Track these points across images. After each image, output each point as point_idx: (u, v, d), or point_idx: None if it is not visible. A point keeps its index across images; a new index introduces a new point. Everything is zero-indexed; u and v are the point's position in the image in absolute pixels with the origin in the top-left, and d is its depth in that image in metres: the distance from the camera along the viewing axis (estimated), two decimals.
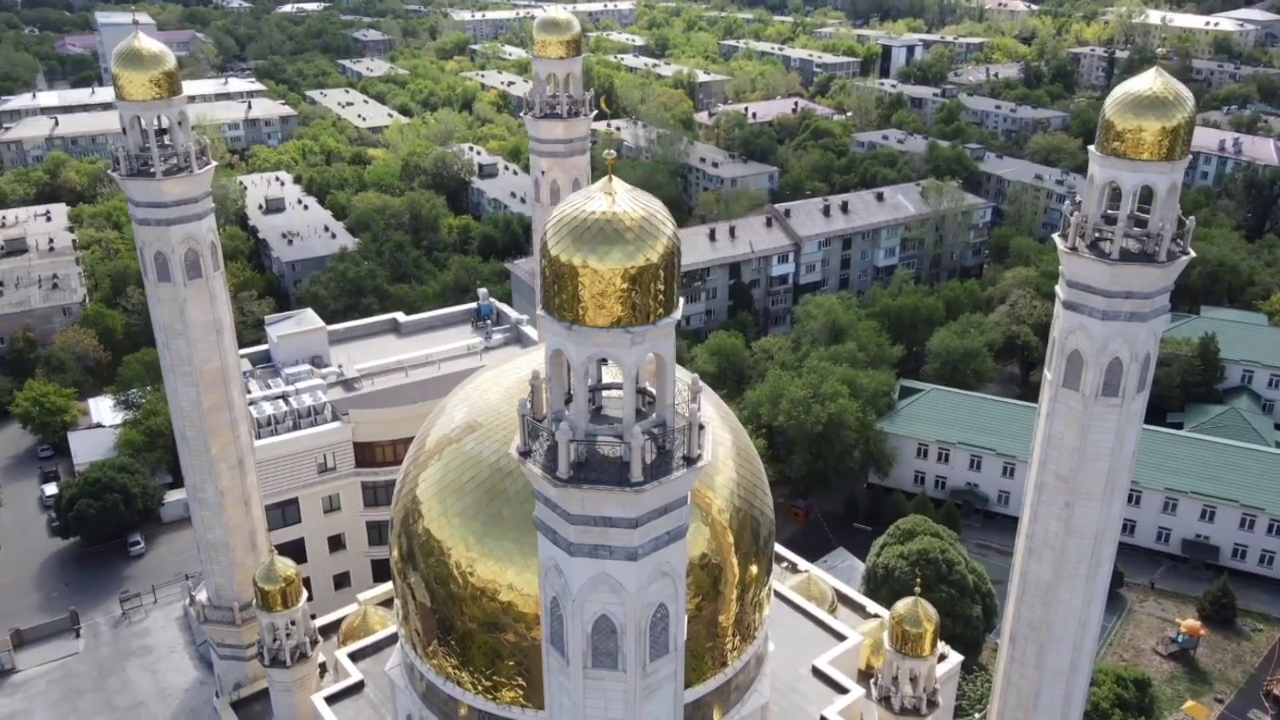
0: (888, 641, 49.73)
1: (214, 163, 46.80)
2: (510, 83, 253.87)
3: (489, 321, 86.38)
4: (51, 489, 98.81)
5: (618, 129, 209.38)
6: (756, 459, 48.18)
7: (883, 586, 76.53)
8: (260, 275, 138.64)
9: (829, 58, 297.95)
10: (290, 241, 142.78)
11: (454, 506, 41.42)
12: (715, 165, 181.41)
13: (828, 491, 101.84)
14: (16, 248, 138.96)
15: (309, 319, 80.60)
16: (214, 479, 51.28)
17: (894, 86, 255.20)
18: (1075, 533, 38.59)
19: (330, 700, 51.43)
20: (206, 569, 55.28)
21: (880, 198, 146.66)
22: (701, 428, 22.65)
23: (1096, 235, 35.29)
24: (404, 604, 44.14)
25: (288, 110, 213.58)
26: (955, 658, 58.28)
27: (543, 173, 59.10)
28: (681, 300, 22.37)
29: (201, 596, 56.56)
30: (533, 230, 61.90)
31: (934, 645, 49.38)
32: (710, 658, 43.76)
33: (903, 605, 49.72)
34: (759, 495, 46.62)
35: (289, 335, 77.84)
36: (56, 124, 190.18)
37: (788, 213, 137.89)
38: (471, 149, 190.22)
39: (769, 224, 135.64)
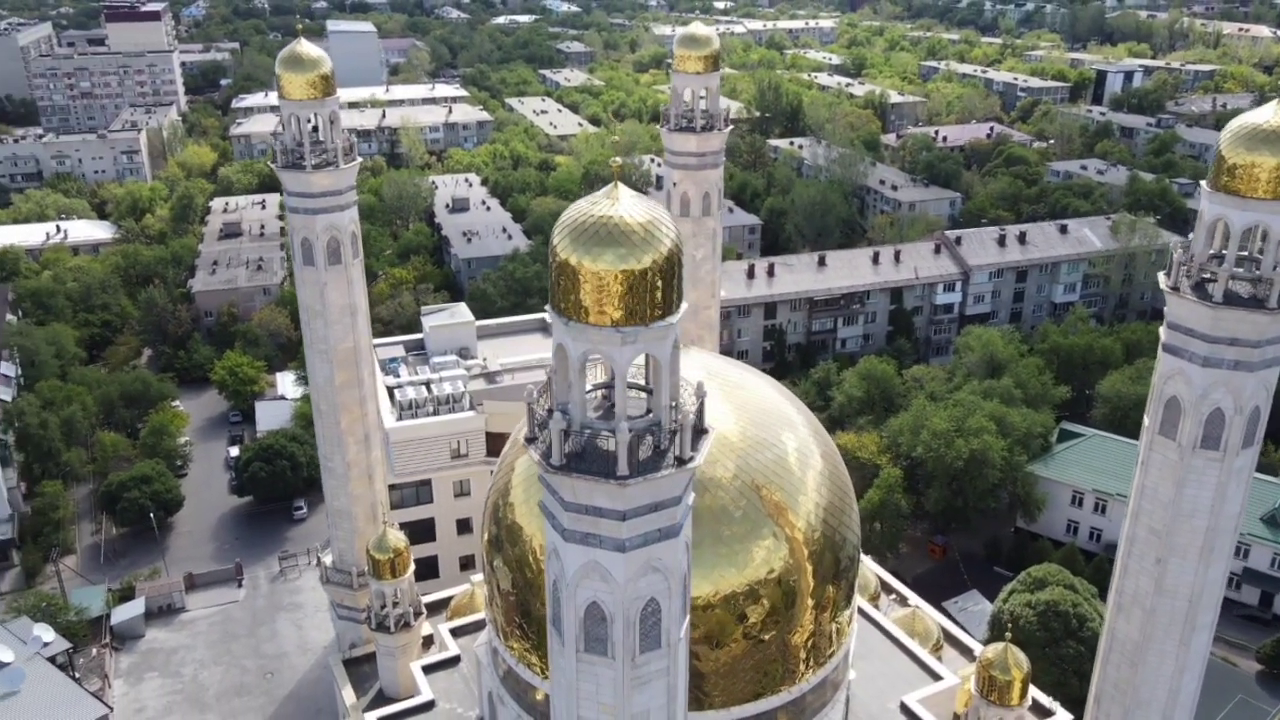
0: (974, 686, 48.00)
1: (359, 159, 50.85)
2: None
3: None
4: (234, 451, 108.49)
5: (800, 147, 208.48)
6: (847, 484, 47.71)
7: (1005, 635, 73.08)
8: (439, 270, 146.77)
9: (1035, 82, 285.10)
10: (469, 240, 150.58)
11: (538, 495, 43.25)
12: (894, 188, 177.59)
13: (969, 531, 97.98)
14: (233, 231, 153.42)
15: (461, 313, 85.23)
16: (342, 451, 55.49)
17: (1103, 114, 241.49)
18: (1166, 592, 36.18)
19: (427, 670, 54.62)
20: (332, 535, 59.78)
21: (1064, 230, 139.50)
22: (704, 432, 23.25)
23: (1202, 276, 33.16)
24: (490, 587, 46.36)
25: (485, 116, 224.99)
26: (1064, 716, 55.26)
27: (674, 184, 60.50)
28: (685, 304, 23.13)
29: (327, 560, 61.15)
30: None
31: (1023, 695, 47.27)
32: (778, 673, 43.79)
33: (992, 650, 47.90)
34: (845, 520, 46.20)
35: (440, 326, 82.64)
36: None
37: (958, 240, 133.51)
38: (652, 160, 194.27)
39: (937, 250, 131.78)
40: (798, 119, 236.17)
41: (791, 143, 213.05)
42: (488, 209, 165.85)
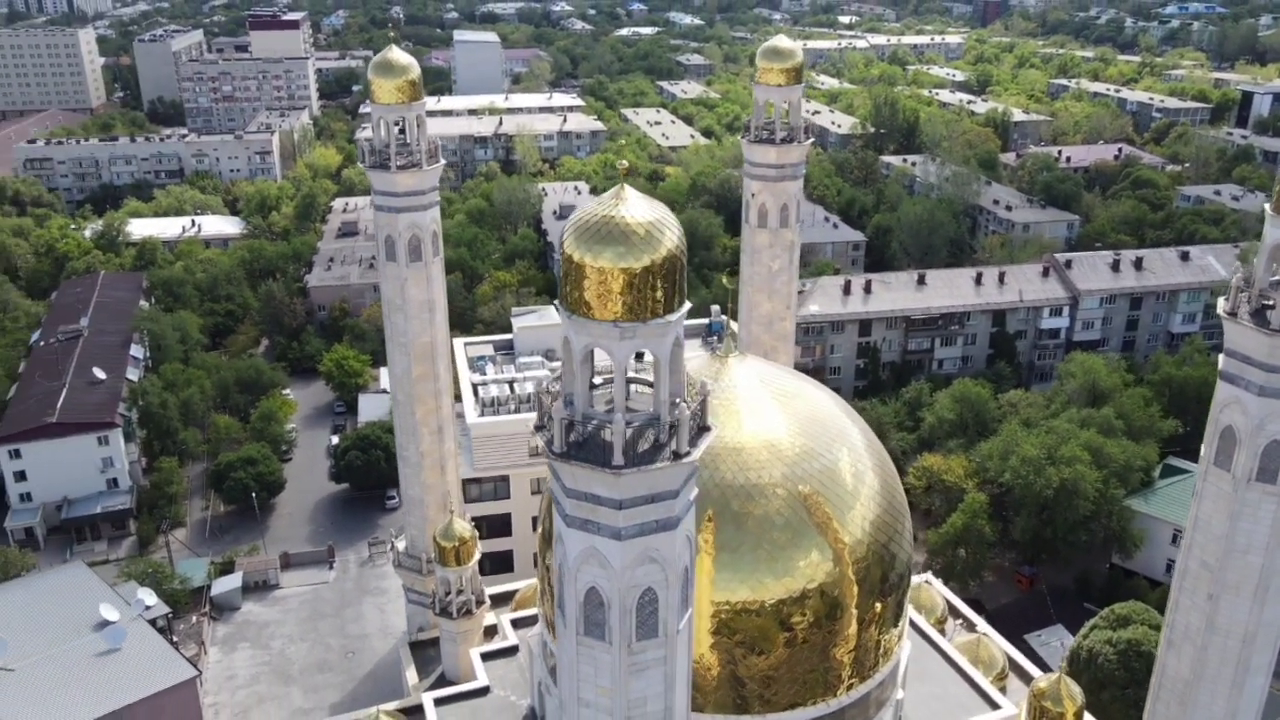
0: (1025, 716, 46.74)
1: (441, 162, 53.15)
2: (815, 112, 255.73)
3: (717, 338, 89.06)
4: (335, 440, 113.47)
5: (913, 164, 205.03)
6: (901, 502, 47.35)
7: (1084, 672, 70.70)
8: (542, 275, 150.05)
9: (1173, 102, 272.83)
10: None
11: None
12: (1009, 209, 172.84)
13: (1060, 563, 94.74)
14: (350, 230, 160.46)
15: (549, 315, 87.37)
16: (416, 441, 57.89)
17: (1244, 137, 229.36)
18: (1218, 630, 34.80)
19: (485, 657, 56.33)
20: (406, 521, 62.31)
21: (1185, 257, 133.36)
22: (705, 429, 23.93)
23: (1262, 303, 31.95)
24: (541, 582, 47.69)
25: (598, 125, 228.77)
26: None
27: (753, 195, 60.98)
28: (687, 304, 23.87)
29: (401, 545, 63.73)
30: (741, 251, 63.92)
31: None
32: (819, 684, 43.79)
33: (1045, 680, 46.58)
34: (896, 537, 45.82)
35: (528, 327, 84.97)
36: None
37: (1069, 264, 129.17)
38: None
39: (1046, 273, 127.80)
40: (914, 135, 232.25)
41: (905, 159, 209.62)
42: None
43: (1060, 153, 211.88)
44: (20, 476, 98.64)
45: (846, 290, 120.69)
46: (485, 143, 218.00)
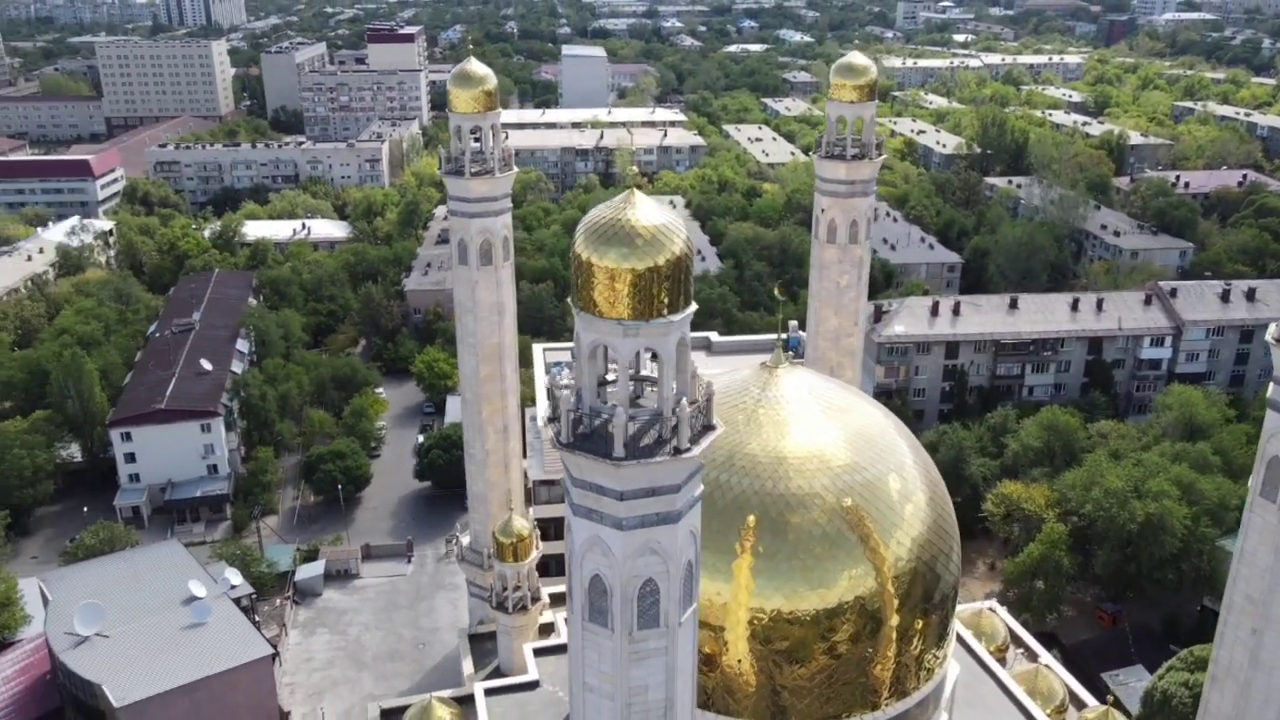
0: None
1: (514, 170, 55.07)
2: (920, 131, 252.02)
3: (793, 354, 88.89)
4: (421, 439, 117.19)
5: (1018, 186, 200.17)
6: (950, 523, 46.99)
7: (1157, 713, 68.19)
8: None
9: None
10: None
11: None
12: (1117, 234, 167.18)
13: (1147, 602, 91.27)
14: (448, 238, 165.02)
15: None
16: (482, 439, 59.85)
17: None
18: (1262, 667, 33.61)
19: (538, 652, 57.77)
20: (470, 517, 64.32)
21: None
22: (710, 428, 24.70)
23: None
24: None
25: (698, 140, 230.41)
26: None
27: (823, 210, 61.21)
28: (693, 305, 24.69)
29: (465, 541, 65.80)
30: (811, 266, 64.07)
31: None
32: (856, 698, 43.78)
33: (1092, 713, 45.51)
34: (941, 558, 45.45)
35: None
36: (505, 136, 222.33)
37: (1173, 292, 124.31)
38: None
39: (1148, 301, 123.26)
40: (1022, 157, 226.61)
41: (1010, 181, 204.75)
42: None
43: (1178, 178, 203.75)
44: (130, 458, 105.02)
45: (934, 311, 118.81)
46: (586, 155, 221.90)
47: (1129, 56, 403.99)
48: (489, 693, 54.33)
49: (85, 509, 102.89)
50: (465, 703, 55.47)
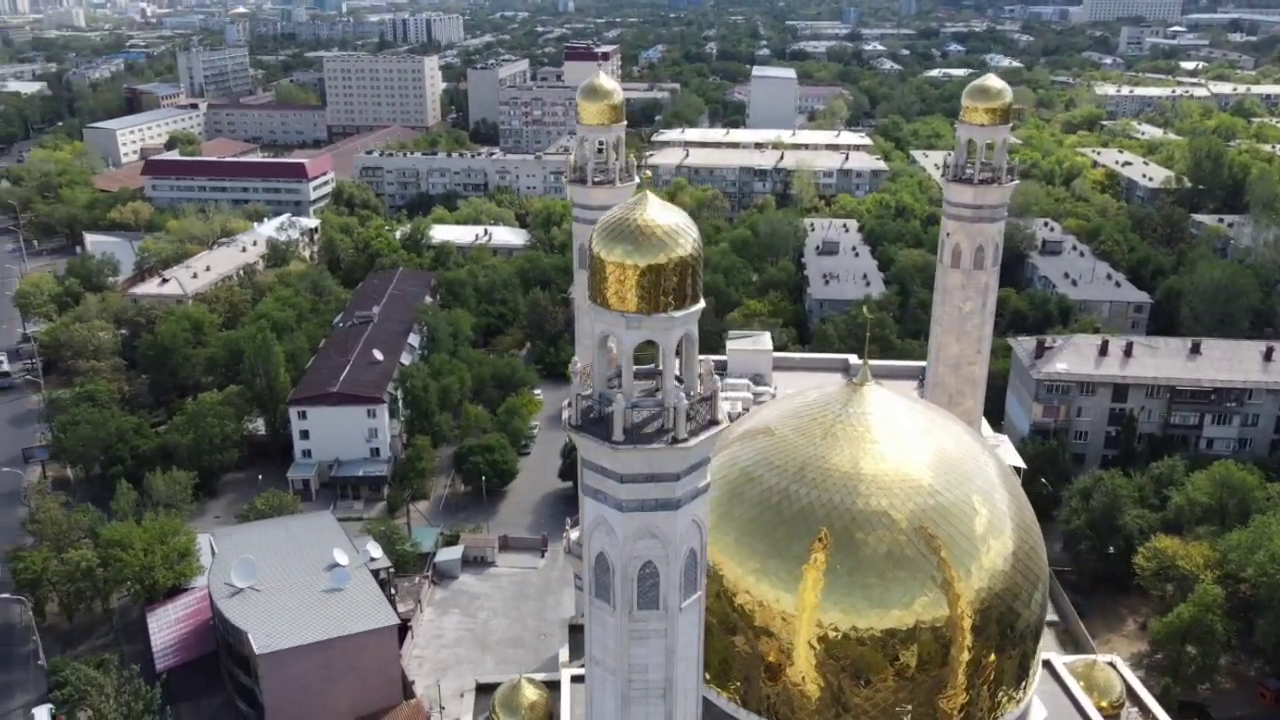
0: None
1: (636, 180, 57.28)
2: (1125, 163, 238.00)
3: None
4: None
5: (1229, 224, 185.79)
6: (1039, 562, 45.92)
7: None
8: (793, 307, 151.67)
9: None
10: (828, 282, 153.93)
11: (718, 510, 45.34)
12: None
13: None
14: None
15: (763, 341, 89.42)
16: None
17: None
18: None
19: None
20: (580, 513, 66.76)
21: None
22: (714, 423, 25.81)
23: None
24: None
25: (880, 165, 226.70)
26: None
27: (948, 234, 60.19)
28: (701, 302, 25.82)
29: (574, 535, 68.36)
30: (935, 291, 62.93)
31: None
32: None
33: None
34: (1022, 595, 44.34)
35: (740, 350, 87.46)
36: (686, 154, 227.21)
37: None
38: (1045, 224, 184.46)
39: None
40: (1239, 194, 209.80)
41: (1220, 219, 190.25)
42: (856, 255, 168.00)
43: None
44: (304, 435, 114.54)
45: (1103, 351, 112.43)
46: (764, 175, 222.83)
47: None
48: (575, 679, 56.42)
49: (261, 478, 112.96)
50: (554, 687, 57.84)
